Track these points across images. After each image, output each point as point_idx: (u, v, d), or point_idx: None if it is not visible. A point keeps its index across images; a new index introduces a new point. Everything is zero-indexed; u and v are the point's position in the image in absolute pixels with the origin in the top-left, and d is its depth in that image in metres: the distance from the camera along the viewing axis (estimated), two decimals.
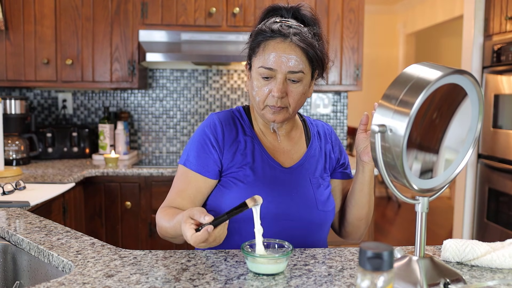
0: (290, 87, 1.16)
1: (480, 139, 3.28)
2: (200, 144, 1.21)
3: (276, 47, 1.14)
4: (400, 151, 0.81)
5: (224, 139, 1.21)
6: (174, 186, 1.23)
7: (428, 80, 0.80)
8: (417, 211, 0.90)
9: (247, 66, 1.25)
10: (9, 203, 1.59)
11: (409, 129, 0.80)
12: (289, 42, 1.14)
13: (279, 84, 1.14)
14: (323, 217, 1.22)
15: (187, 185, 1.20)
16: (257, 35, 1.19)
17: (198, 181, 1.19)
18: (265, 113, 1.19)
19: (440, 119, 0.88)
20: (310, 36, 1.16)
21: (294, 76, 1.15)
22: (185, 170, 1.21)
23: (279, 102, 1.15)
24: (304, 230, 1.20)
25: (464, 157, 0.92)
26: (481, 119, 0.90)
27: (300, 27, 1.17)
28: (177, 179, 1.23)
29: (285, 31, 1.14)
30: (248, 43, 1.23)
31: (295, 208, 1.19)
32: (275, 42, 1.15)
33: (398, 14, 6.45)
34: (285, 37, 1.14)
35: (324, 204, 1.23)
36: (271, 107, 1.17)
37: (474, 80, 0.85)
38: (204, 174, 1.19)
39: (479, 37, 3.27)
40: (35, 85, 2.80)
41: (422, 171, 0.88)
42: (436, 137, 0.89)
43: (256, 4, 2.80)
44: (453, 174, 0.92)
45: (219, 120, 1.24)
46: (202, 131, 1.23)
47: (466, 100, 0.87)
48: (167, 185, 2.52)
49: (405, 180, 0.85)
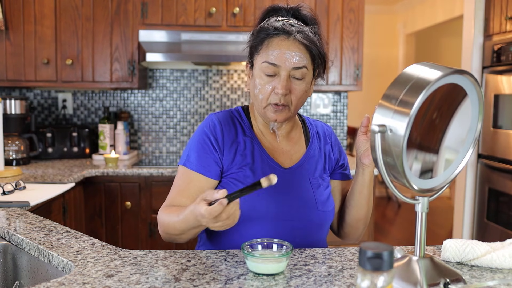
0: (293, 85, 1.16)
1: (480, 139, 3.28)
2: (200, 144, 1.21)
3: (280, 44, 1.15)
4: (400, 151, 0.81)
5: (224, 139, 1.21)
6: (174, 186, 1.22)
7: (428, 80, 0.80)
8: (417, 211, 0.90)
9: (248, 65, 1.25)
10: (9, 203, 1.59)
11: (409, 129, 0.80)
12: (292, 39, 1.15)
13: (283, 81, 1.14)
14: (323, 217, 1.22)
15: (188, 185, 1.19)
16: (259, 33, 1.19)
17: (200, 181, 1.19)
18: (267, 111, 1.18)
19: (440, 119, 0.88)
20: (312, 35, 1.18)
21: (297, 72, 1.15)
22: (185, 171, 1.20)
23: (282, 99, 1.15)
24: (304, 230, 1.20)
25: (464, 157, 0.92)
26: (481, 119, 0.90)
27: (302, 26, 1.18)
28: (178, 180, 1.22)
29: (288, 29, 1.15)
30: (249, 41, 1.23)
31: (295, 208, 1.18)
32: (279, 39, 1.16)
33: (398, 14, 6.45)
34: (288, 34, 1.15)
35: (324, 204, 1.23)
36: (273, 106, 1.16)
37: (474, 80, 0.85)
38: (205, 174, 1.18)
39: (479, 37, 3.27)
40: (35, 85, 2.80)
41: (422, 171, 0.88)
42: (436, 137, 0.89)
43: (256, 4, 2.80)
44: (453, 174, 0.92)
45: (218, 120, 1.23)
46: (202, 132, 1.22)
47: (466, 100, 0.87)
48: (167, 185, 2.53)
49: (405, 180, 0.85)
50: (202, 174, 1.18)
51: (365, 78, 5.21)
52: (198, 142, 1.21)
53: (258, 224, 1.15)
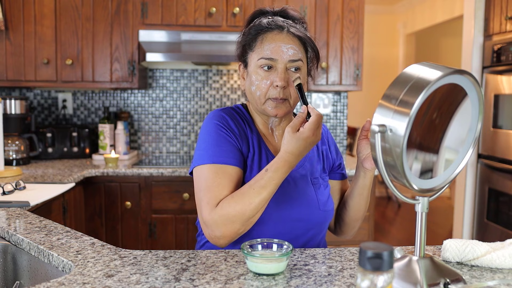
0: (291, 77, 1.16)
1: (480, 139, 3.28)
2: (217, 135, 1.15)
3: (274, 38, 1.16)
4: (400, 151, 0.81)
5: (238, 130, 1.19)
6: (207, 187, 1.09)
7: (428, 80, 0.80)
8: (417, 211, 0.90)
9: (241, 65, 1.25)
10: (9, 203, 1.59)
11: (409, 129, 0.80)
12: (286, 32, 1.16)
13: (281, 73, 1.14)
14: (323, 217, 1.22)
15: (221, 178, 1.10)
16: (251, 30, 1.19)
17: (235, 172, 1.12)
18: (266, 107, 1.17)
19: (440, 119, 0.88)
20: (303, 30, 1.20)
21: (294, 65, 1.15)
22: (210, 167, 1.11)
23: (281, 93, 1.14)
24: (306, 230, 1.20)
25: (464, 157, 0.92)
26: (481, 119, 0.90)
27: (293, 23, 1.20)
28: (207, 181, 1.10)
29: (280, 24, 1.17)
30: (241, 41, 1.23)
31: (297, 208, 1.18)
32: (273, 34, 1.16)
33: (398, 14, 6.45)
34: (281, 28, 1.16)
35: (325, 204, 1.23)
36: (273, 100, 1.15)
37: (474, 80, 0.85)
38: (236, 164, 1.13)
39: (479, 37, 3.27)
40: (35, 85, 2.80)
41: (422, 171, 0.88)
42: (436, 137, 0.89)
43: (256, 4, 2.80)
44: (453, 174, 0.92)
45: (225, 114, 1.20)
46: (214, 125, 1.17)
47: (466, 100, 0.87)
48: (167, 185, 2.53)
49: (405, 180, 0.85)
50: (232, 165, 1.12)
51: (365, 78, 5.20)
52: (216, 134, 1.15)
53: (260, 224, 1.15)
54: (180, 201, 2.55)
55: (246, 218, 1.05)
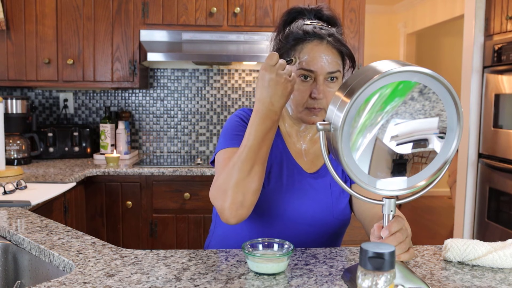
0: (327, 88, 1.14)
1: (481, 138, 3.28)
2: (236, 125, 1.17)
3: (314, 49, 1.13)
4: (339, 145, 0.78)
5: None
6: (218, 168, 1.11)
7: (379, 71, 0.77)
8: (384, 213, 0.87)
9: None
10: (10, 202, 1.59)
11: (347, 123, 0.77)
12: (326, 43, 1.13)
13: (320, 86, 1.12)
14: (337, 224, 1.21)
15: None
16: (289, 38, 1.16)
17: None
18: (304, 116, 1.15)
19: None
20: (340, 37, 1.17)
21: (332, 75, 1.14)
22: (225, 151, 1.13)
23: (319, 103, 1.13)
24: (318, 235, 1.20)
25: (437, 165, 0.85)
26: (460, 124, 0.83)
27: (330, 28, 1.17)
28: (220, 162, 1.12)
29: (320, 33, 1.14)
30: (276, 46, 1.20)
31: (310, 213, 1.18)
32: (312, 44, 1.13)
33: (399, 14, 6.44)
34: (321, 39, 1.14)
35: (342, 212, 1.22)
36: (310, 110, 1.14)
37: (434, 77, 0.80)
38: None
39: (480, 37, 3.27)
40: (36, 85, 2.80)
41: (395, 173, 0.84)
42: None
43: (256, 4, 2.80)
44: (419, 183, 0.86)
45: (249, 110, 1.21)
46: (236, 118, 1.20)
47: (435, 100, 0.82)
48: (168, 184, 2.53)
49: (356, 179, 0.82)
50: None
51: None
52: (235, 125, 1.18)
53: (272, 222, 1.15)
54: (181, 200, 2.55)
55: (235, 182, 1.00)
